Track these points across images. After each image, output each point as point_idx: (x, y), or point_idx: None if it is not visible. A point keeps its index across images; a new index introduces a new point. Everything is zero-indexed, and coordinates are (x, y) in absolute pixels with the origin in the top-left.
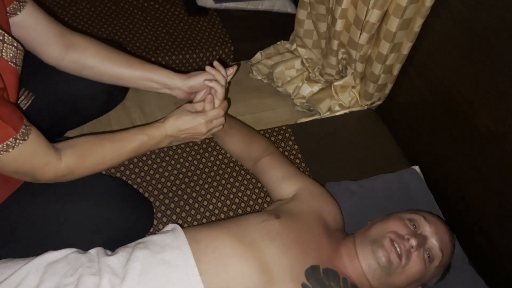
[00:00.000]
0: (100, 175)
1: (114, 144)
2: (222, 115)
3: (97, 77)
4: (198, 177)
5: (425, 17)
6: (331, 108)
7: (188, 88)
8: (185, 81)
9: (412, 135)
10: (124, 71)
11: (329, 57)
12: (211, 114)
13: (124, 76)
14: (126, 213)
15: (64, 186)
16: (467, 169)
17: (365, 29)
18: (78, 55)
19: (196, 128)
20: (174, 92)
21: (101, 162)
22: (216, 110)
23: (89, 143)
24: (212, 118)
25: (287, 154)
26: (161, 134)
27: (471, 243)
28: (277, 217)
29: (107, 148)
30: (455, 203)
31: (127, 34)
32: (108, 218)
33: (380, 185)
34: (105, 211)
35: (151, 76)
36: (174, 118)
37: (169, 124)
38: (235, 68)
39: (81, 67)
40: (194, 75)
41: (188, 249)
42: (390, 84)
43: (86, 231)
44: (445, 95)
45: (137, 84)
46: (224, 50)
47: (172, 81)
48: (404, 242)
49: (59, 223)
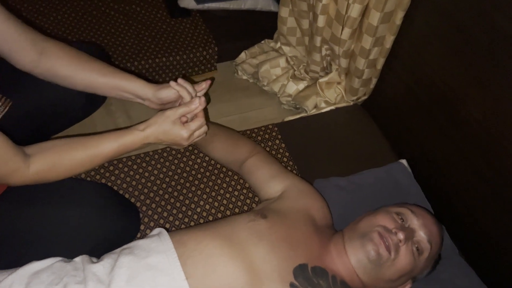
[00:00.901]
0: (85, 181)
1: (87, 151)
2: (203, 125)
3: (71, 86)
4: (185, 180)
5: (406, 9)
6: (317, 105)
7: (158, 100)
8: (155, 92)
9: (400, 128)
10: (97, 81)
11: (313, 54)
12: (192, 126)
13: (97, 86)
14: (112, 219)
15: (47, 193)
16: (455, 161)
17: (346, 24)
18: (51, 63)
19: (177, 140)
20: (146, 102)
21: (73, 169)
22: (197, 121)
23: (61, 149)
24: (194, 130)
25: (274, 153)
26: (140, 142)
27: (461, 234)
28: (264, 217)
29: (79, 155)
30: (443, 195)
31: (109, 38)
32: (93, 225)
33: (368, 180)
34: (90, 217)
35: (123, 86)
36: (155, 127)
37: (149, 132)
38: (208, 83)
39: (54, 75)
40: (165, 87)
41: (173, 252)
42: (375, 79)
43: (71, 239)
44: (431, 87)
45: (111, 94)
46: (208, 51)
47: (143, 91)
48: (392, 236)
49: (43, 232)
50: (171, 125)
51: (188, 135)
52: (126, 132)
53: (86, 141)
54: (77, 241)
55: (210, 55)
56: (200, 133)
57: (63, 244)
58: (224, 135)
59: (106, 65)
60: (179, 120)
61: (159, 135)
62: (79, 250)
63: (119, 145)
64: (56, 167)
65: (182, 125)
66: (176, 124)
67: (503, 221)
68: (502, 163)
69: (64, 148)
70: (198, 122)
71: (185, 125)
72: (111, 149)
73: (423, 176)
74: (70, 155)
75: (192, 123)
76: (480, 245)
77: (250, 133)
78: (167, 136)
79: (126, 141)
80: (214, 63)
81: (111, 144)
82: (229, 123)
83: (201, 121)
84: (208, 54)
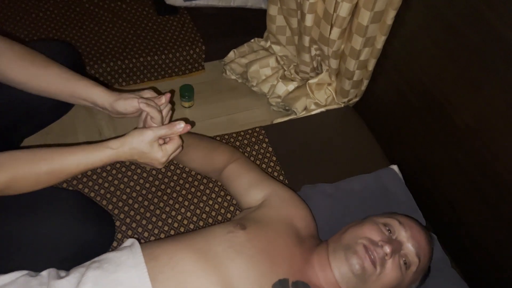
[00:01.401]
0: (57, 188)
1: (51, 166)
2: (180, 146)
3: (27, 91)
4: (167, 186)
5: (397, 8)
6: (307, 107)
7: (115, 112)
8: (113, 103)
9: (391, 132)
10: (52, 88)
11: (302, 54)
12: (169, 149)
13: (52, 93)
14: (84, 228)
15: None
16: (446, 166)
17: (335, 24)
18: (3, 67)
19: (152, 162)
20: (106, 111)
21: (35, 183)
22: (175, 144)
23: (22, 162)
24: (171, 152)
25: (261, 157)
26: (110, 160)
27: (453, 244)
28: (243, 228)
29: (42, 169)
30: (436, 202)
31: (92, 36)
32: (65, 234)
33: (357, 187)
34: (62, 227)
35: (80, 93)
36: (131, 148)
37: (123, 151)
38: (168, 97)
39: (7, 80)
40: (123, 99)
41: (144, 267)
42: (366, 80)
43: (41, 248)
44: (423, 90)
45: (69, 100)
46: (195, 49)
47: (100, 100)
48: (377, 249)
49: (10, 242)
50: (148, 147)
51: (164, 158)
52: (96, 148)
53: (50, 154)
54: (48, 251)
55: (197, 54)
56: (176, 155)
57: (32, 254)
58: (200, 145)
59: (64, 70)
60: (157, 142)
61: (133, 156)
62: (49, 261)
63: (87, 162)
64: (17, 181)
65: (159, 147)
66: (153, 147)
67: (497, 230)
68: (495, 170)
69: (26, 161)
70: (175, 145)
71: (162, 147)
72: (77, 165)
73: (415, 182)
74: (32, 169)
75: (169, 145)
76: (474, 256)
77: (236, 136)
78: (142, 158)
79: (95, 159)
80: (201, 63)
81: (78, 161)
82: (215, 125)
83: (178, 144)
84: (195, 53)
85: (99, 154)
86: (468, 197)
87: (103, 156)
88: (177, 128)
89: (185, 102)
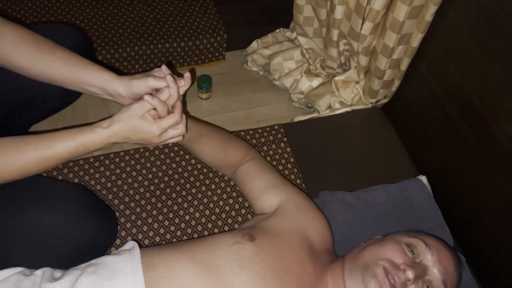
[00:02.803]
0: (60, 181)
1: (38, 152)
2: (179, 123)
3: (31, 77)
4: (176, 183)
5: (439, 3)
6: (331, 106)
7: (131, 94)
8: (127, 85)
9: (421, 139)
10: (59, 75)
11: (329, 48)
12: (165, 123)
13: (59, 80)
14: (84, 222)
15: (13, 194)
16: (482, 182)
17: (368, 18)
18: (7, 52)
19: (146, 138)
20: (117, 99)
21: (23, 171)
22: (172, 118)
23: (7, 149)
24: (167, 127)
25: (277, 157)
26: (102, 141)
27: (484, 268)
28: (251, 239)
29: (29, 156)
30: (466, 221)
31: (110, 19)
32: (64, 228)
33: (379, 198)
34: (63, 222)
35: (88, 79)
36: (121, 124)
37: (114, 130)
38: (188, 78)
39: (10, 65)
40: (137, 79)
41: (141, 276)
42: (397, 81)
43: (39, 243)
44: (460, 96)
45: (76, 88)
46: (217, 38)
47: (112, 86)
48: (399, 273)
49: (8, 235)
50: (139, 121)
51: (159, 132)
52: (86, 129)
53: (37, 140)
54: (47, 246)
55: (218, 43)
56: (175, 134)
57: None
58: (214, 135)
59: (71, 54)
60: (148, 115)
61: (126, 133)
62: (48, 255)
63: (77, 145)
64: (5, 169)
65: (153, 121)
66: (145, 120)
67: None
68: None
69: (11, 147)
70: (172, 119)
71: (156, 121)
72: (66, 150)
73: (444, 197)
74: (18, 156)
75: (165, 119)
76: (505, 282)
77: (253, 133)
78: (135, 134)
79: (85, 141)
80: (222, 52)
81: (66, 144)
82: (232, 119)
83: (176, 118)
84: (216, 42)
85: (89, 135)
86: (503, 219)
87: (94, 137)
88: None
89: (202, 93)
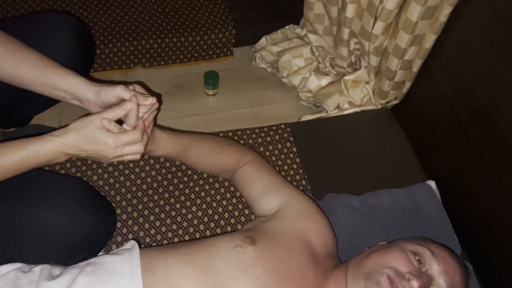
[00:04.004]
0: (59, 174)
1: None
2: (137, 141)
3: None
4: (179, 180)
5: (454, 4)
6: (340, 106)
7: (100, 102)
8: (96, 92)
9: (431, 142)
10: (25, 75)
11: (340, 47)
12: (123, 138)
13: (24, 81)
14: (82, 216)
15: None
16: (493, 190)
17: (380, 17)
18: None
19: (100, 149)
20: (85, 104)
21: None
22: (131, 134)
23: None
24: (124, 142)
25: (283, 157)
26: (54, 151)
27: (491, 278)
28: (252, 243)
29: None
30: (474, 228)
31: (118, 12)
32: (62, 222)
33: (386, 202)
34: (61, 216)
35: (57, 83)
36: (75, 134)
37: (67, 139)
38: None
39: None
40: (106, 87)
41: (139, 279)
42: (408, 82)
43: (37, 237)
44: (473, 101)
45: (43, 92)
46: (225, 33)
47: (81, 91)
48: (403, 283)
49: (6, 229)
50: (95, 131)
51: (114, 146)
52: (37, 138)
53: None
54: (45, 240)
55: (226, 38)
56: (131, 151)
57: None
58: (202, 147)
59: (39, 56)
60: (105, 128)
61: (79, 143)
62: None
63: (27, 153)
64: None
65: (110, 134)
66: (101, 131)
67: None
68: None
69: None
70: (131, 135)
71: (113, 134)
72: (16, 159)
73: (453, 203)
74: None
75: (123, 134)
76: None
77: (258, 131)
78: (89, 144)
79: (36, 150)
80: (230, 48)
81: (16, 154)
82: (238, 117)
83: (136, 136)
84: (224, 37)
85: (40, 144)
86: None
87: (46, 147)
88: (125, 109)
89: (209, 90)
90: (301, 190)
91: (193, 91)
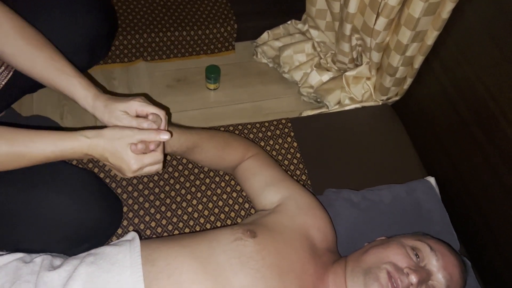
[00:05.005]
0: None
1: (12, 147)
2: (159, 162)
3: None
4: (180, 174)
5: (457, 1)
6: (341, 101)
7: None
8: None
9: (431, 139)
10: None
11: (341, 43)
12: (147, 160)
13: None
14: (87, 206)
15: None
16: (492, 186)
17: (382, 13)
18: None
19: (122, 167)
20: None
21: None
22: (154, 156)
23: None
24: (146, 164)
25: (283, 152)
26: (81, 151)
27: (489, 274)
28: (253, 236)
29: (2, 151)
30: (474, 225)
31: (120, 5)
32: (71, 213)
33: (386, 198)
34: (68, 205)
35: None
36: (106, 141)
37: (96, 145)
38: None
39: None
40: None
41: (139, 270)
42: (410, 79)
43: (41, 225)
44: (474, 98)
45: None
46: (227, 28)
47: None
48: (402, 278)
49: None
50: (125, 148)
51: (136, 168)
52: (69, 135)
53: (15, 134)
54: (49, 228)
55: (228, 33)
56: (153, 170)
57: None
58: (208, 143)
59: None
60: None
61: (105, 152)
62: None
63: (55, 149)
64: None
65: (134, 155)
66: (129, 151)
67: None
68: None
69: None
70: (155, 157)
71: (138, 156)
72: (43, 151)
73: (452, 200)
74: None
75: (147, 156)
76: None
77: (259, 126)
78: (114, 158)
79: (65, 147)
80: (232, 42)
81: (44, 147)
82: (239, 111)
83: (159, 158)
84: (226, 32)
85: (70, 142)
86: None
87: (75, 145)
88: (161, 137)
89: (210, 84)
90: (302, 186)
91: (195, 85)
